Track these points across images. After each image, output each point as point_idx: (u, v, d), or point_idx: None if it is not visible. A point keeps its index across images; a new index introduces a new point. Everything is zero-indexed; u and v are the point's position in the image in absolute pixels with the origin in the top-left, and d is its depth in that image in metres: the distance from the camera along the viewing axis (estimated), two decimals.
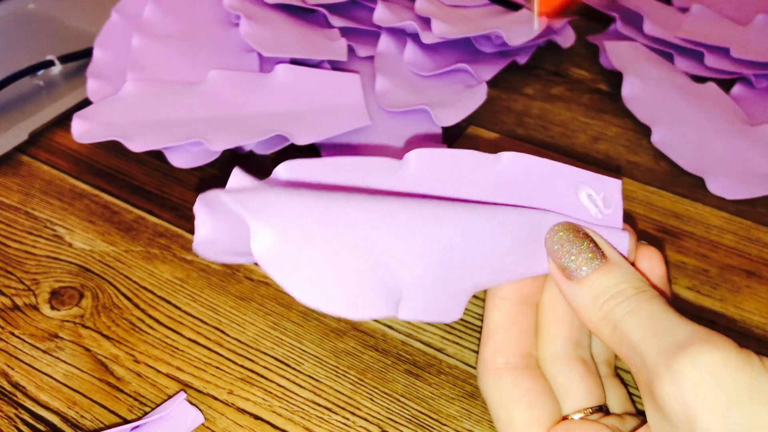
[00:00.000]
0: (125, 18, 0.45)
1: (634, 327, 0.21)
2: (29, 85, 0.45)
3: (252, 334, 0.32)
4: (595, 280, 0.22)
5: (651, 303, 0.21)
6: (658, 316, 0.21)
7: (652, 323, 0.21)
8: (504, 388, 0.24)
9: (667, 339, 0.20)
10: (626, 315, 0.21)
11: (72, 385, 0.30)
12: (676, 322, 0.21)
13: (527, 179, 0.25)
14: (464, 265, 0.23)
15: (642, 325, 0.21)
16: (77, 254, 0.35)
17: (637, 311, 0.21)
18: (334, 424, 0.28)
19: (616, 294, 0.22)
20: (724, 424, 0.18)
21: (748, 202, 0.38)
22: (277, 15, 0.45)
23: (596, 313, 0.22)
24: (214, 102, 0.40)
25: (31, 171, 0.40)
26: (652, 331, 0.21)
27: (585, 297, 0.22)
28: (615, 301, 0.22)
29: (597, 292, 0.22)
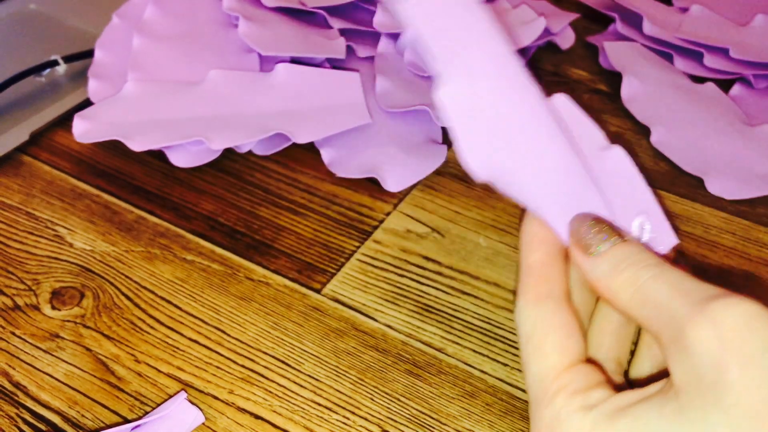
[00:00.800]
0: (126, 21, 0.45)
1: (661, 286, 0.21)
2: (30, 85, 0.45)
3: (252, 334, 0.32)
4: (615, 251, 0.23)
5: (673, 270, 0.22)
6: (684, 281, 0.21)
7: (679, 285, 0.21)
8: (545, 312, 0.24)
9: (698, 294, 0.20)
10: (650, 278, 0.22)
11: (73, 385, 0.30)
12: (704, 284, 0.21)
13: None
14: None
15: (668, 287, 0.21)
16: (78, 254, 0.35)
17: (662, 275, 0.22)
18: (334, 423, 0.28)
19: (636, 260, 0.22)
20: (756, 374, 0.18)
21: (748, 203, 0.38)
22: (276, 16, 0.45)
23: (616, 279, 0.22)
24: (214, 101, 0.40)
25: (32, 171, 0.40)
26: (682, 292, 0.21)
27: (604, 267, 0.23)
28: (637, 266, 0.22)
29: (617, 260, 0.23)
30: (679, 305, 0.20)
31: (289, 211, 0.38)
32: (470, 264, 0.35)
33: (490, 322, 0.32)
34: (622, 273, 0.22)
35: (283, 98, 0.41)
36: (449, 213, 0.38)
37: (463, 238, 0.36)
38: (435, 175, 0.40)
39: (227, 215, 0.37)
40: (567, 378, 0.23)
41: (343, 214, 0.38)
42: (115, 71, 0.43)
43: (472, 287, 0.34)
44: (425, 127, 0.41)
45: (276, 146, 0.40)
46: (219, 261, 0.35)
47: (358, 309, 0.33)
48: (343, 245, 0.36)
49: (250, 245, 0.36)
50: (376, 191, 0.39)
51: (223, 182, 0.39)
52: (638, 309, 0.22)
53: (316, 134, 0.39)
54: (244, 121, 0.39)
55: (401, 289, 0.34)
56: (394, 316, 0.33)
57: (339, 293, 0.33)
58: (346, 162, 0.39)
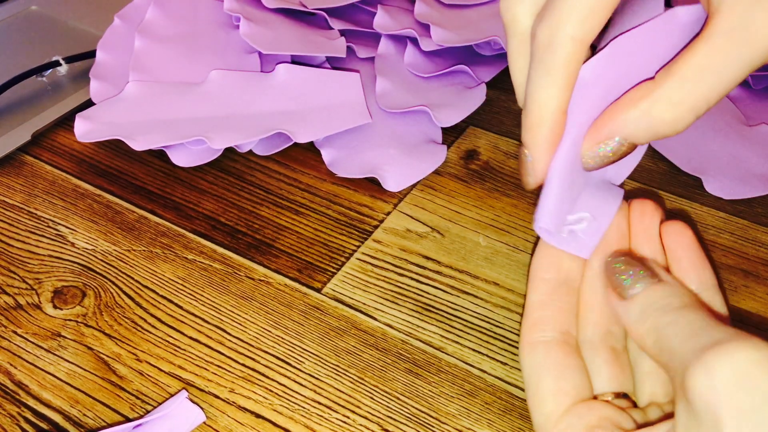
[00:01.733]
0: (127, 22, 0.45)
1: (676, 333, 0.21)
2: (32, 85, 0.45)
3: (253, 333, 0.32)
4: (645, 296, 0.23)
5: (694, 313, 0.21)
6: (698, 322, 0.21)
7: (692, 329, 0.21)
8: (536, 359, 0.24)
9: (704, 338, 0.20)
10: (668, 324, 0.21)
11: (74, 384, 0.30)
12: (716, 327, 0.20)
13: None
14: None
15: (682, 333, 0.21)
16: (80, 254, 0.35)
17: (680, 320, 0.21)
18: (334, 422, 0.29)
19: (662, 306, 0.22)
20: (750, 426, 0.18)
21: (746, 202, 0.39)
22: (276, 17, 0.45)
23: (642, 325, 0.22)
24: (215, 101, 0.40)
25: (34, 171, 0.40)
26: (692, 334, 0.20)
27: (634, 312, 0.23)
28: (660, 313, 0.22)
29: (645, 305, 0.23)
30: (685, 351, 0.20)
31: (289, 210, 0.38)
32: (470, 263, 0.35)
33: (489, 321, 0.33)
34: (647, 320, 0.22)
35: (284, 98, 0.41)
36: (449, 213, 0.38)
37: (463, 238, 0.36)
38: (435, 175, 0.40)
39: (228, 215, 0.38)
40: (565, 424, 0.23)
41: (343, 214, 0.38)
42: (117, 72, 0.43)
43: (472, 286, 0.34)
44: (425, 127, 0.42)
45: (276, 146, 0.40)
46: (220, 260, 0.35)
47: (358, 308, 0.33)
48: (343, 245, 0.36)
49: (250, 245, 0.36)
50: (376, 191, 0.39)
51: (224, 182, 0.39)
52: (659, 356, 0.22)
53: (316, 134, 0.39)
54: (244, 121, 0.39)
55: (401, 288, 0.34)
56: (394, 315, 0.33)
57: (339, 292, 0.34)
58: (346, 162, 0.40)
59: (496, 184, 0.39)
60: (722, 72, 0.21)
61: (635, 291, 0.23)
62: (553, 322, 0.25)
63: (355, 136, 0.41)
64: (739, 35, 0.21)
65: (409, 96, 0.42)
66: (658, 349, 0.22)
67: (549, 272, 0.25)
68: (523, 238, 0.36)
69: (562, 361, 0.24)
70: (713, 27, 0.21)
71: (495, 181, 0.39)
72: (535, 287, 0.25)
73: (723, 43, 0.21)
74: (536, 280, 0.25)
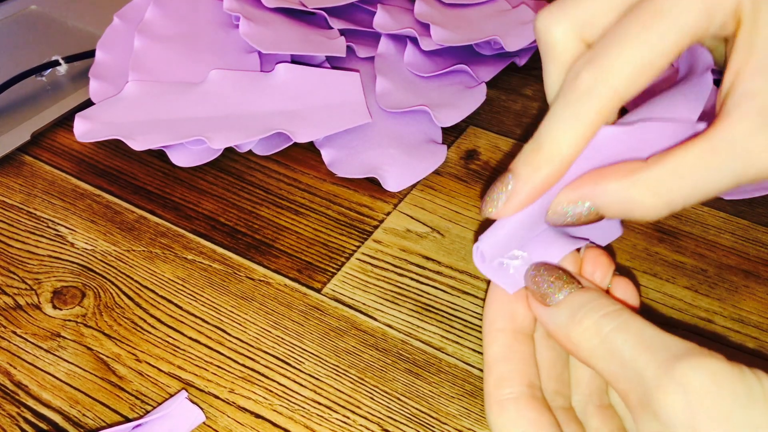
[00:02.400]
0: (127, 22, 0.45)
1: (625, 342, 0.21)
2: (32, 85, 0.45)
3: (253, 333, 0.32)
4: (572, 298, 0.23)
5: (635, 319, 0.21)
6: (647, 331, 0.21)
7: (643, 338, 0.20)
8: (508, 418, 0.23)
9: (663, 352, 0.20)
10: (613, 330, 0.21)
11: (74, 384, 0.30)
12: (667, 338, 0.20)
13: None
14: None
15: (633, 341, 0.21)
16: (79, 254, 0.35)
17: (625, 327, 0.21)
18: (334, 422, 0.29)
19: (595, 307, 0.22)
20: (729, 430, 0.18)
21: (747, 202, 0.38)
22: (276, 17, 0.45)
23: (575, 327, 0.22)
24: (215, 101, 0.40)
25: (33, 171, 0.40)
26: (646, 346, 0.20)
27: (562, 316, 0.22)
28: (597, 314, 0.22)
29: (574, 308, 0.22)
30: (645, 364, 0.20)
31: (289, 210, 0.38)
32: (470, 263, 0.35)
33: None
34: (582, 322, 0.22)
35: (284, 98, 0.41)
36: (449, 213, 0.38)
37: (463, 238, 0.36)
38: (435, 175, 0.40)
39: (228, 215, 0.38)
40: None
41: (343, 214, 0.38)
42: (116, 71, 0.43)
43: (472, 287, 0.34)
44: (425, 127, 0.42)
45: (276, 146, 0.40)
46: (220, 260, 0.35)
47: (358, 308, 0.33)
48: (343, 245, 0.36)
49: (250, 245, 0.36)
50: (376, 191, 0.39)
51: (224, 182, 0.39)
52: (603, 363, 0.21)
53: (316, 134, 0.39)
54: (244, 120, 0.39)
55: (401, 288, 0.34)
56: (394, 315, 0.33)
57: (339, 293, 0.34)
58: (346, 162, 0.39)
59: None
60: (710, 178, 0.21)
61: (560, 296, 0.23)
62: (519, 376, 0.24)
63: (355, 136, 0.41)
64: (739, 149, 0.20)
65: (409, 96, 0.42)
66: (604, 356, 0.21)
67: (503, 322, 0.25)
68: None
69: (535, 420, 0.23)
70: (717, 131, 0.20)
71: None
72: (493, 339, 0.24)
73: (721, 150, 0.20)
74: (492, 332, 0.25)
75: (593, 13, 0.22)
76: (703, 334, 0.32)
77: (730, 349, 0.24)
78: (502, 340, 0.24)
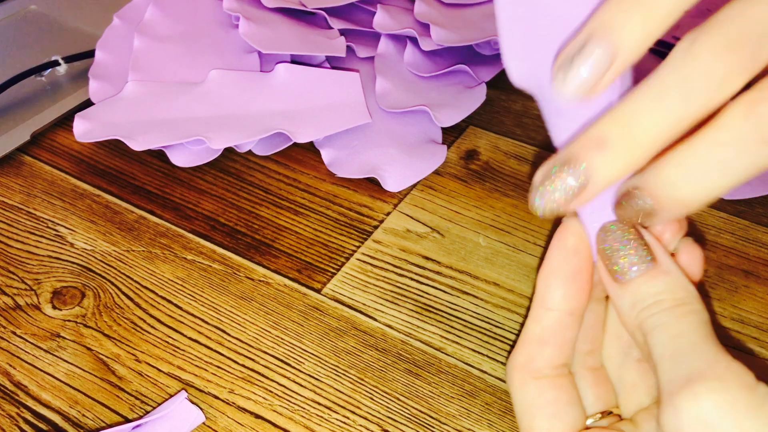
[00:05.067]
0: (126, 22, 0.45)
1: (658, 344, 0.20)
2: (32, 85, 0.45)
3: (253, 334, 0.32)
4: (638, 286, 0.22)
5: (683, 320, 0.21)
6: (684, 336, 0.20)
7: (674, 344, 0.20)
8: (529, 395, 0.23)
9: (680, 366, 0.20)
10: (655, 329, 0.21)
11: (73, 385, 0.30)
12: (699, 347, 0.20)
13: None
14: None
15: (665, 344, 0.20)
16: (79, 254, 0.35)
17: (666, 327, 0.21)
18: (334, 422, 0.29)
19: (652, 304, 0.21)
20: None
21: (746, 202, 0.38)
22: (276, 17, 0.45)
23: (632, 321, 0.22)
24: (215, 101, 0.40)
25: (33, 171, 0.40)
26: (671, 354, 0.20)
27: (626, 302, 0.22)
28: (649, 312, 0.21)
29: (636, 299, 0.22)
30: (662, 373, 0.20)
31: (289, 211, 0.38)
32: (470, 264, 0.35)
33: (489, 321, 0.32)
34: (637, 316, 0.21)
35: (283, 98, 0.41)
36: (449, 213, 0.38)
37: (463, 238, 0.36)
38: (435, 175, 0.40)
39: (228, 215, 0.38)
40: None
41: (343, 214, 0.38)
42: (116, 72, 0.43)
43: (472, 287, 0.34)
44: (425, 127, 0.42)
45: (276, 146, 0.40)
46: (219, 261, 0.35)
47: (357, 308, 0.33)
48: (343, 245, 0.36)
49: (250, 245, 0.36)
50: (376, 191, 0.39)
51: (224, 182, 0.39)
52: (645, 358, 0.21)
53: (316, 134, 0.39)
54: (244, 120, 0.39)
55: (401, 288, 0.34)
56: (394, 315, 0.33)
57: (339, 293, 0.34)
58: (346, 162, 0.39)
59: (496, 184, 0.39)
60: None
61: (630, 276, 0.22)
62: (552, 358, 0.24)
63: (355, 136, 0.41)
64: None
65: (409, 96, 0.42)
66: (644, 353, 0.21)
67: (556, 303, 0.24)
68: (523, 238, 0.36)
69: (555, 399, 0.23)
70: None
71: (495, 181, 0.39)
72: (538, 317, 0.24)
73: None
74: (540, 309, 0.24)
75: None
76: None
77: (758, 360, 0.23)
78: (548, 321, 0.23)
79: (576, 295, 0.24)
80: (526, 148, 0.42)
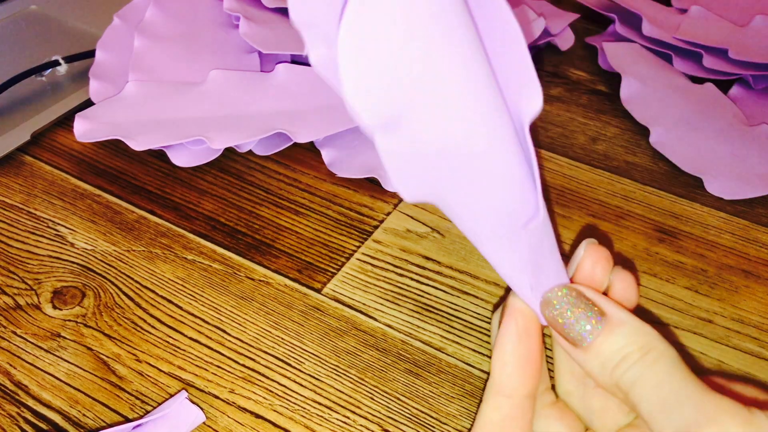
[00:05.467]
0: (127, 22, 0.45)
1: (642, 399, 0.21)
2: (32, 85, 0.45)
3: (253, 334, 0.32)
4: (600, 346, 0.22)
5: (656, 367, 0.21)
6: (666, 384, 0.20)
7: (659, 394, 0.20)
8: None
9: (673, 420, 0.20)
10: (634, 385, 0.21)
11: (74, 384, 0.30)
12: (683, 393, 0.20)
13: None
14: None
15: (649, 399, 0.20)
16: (79, 254, 0.35)
17: (644, 380, 0.21)
18: (334, 422, 0.29)
19: (621, 361, 0.21)
20: None
21: (746, 202, 0.38)
22: (276, 17, 0.45)
23: (607, 381, 0.22)
24: (215, 101, 0.40)
25: (33, 171, 0.40)
26: (660, 405, 0.20)
27: (594, 365, 0.22)
28: (621, 370, 0.21)
29: (603, 359, 0.22)
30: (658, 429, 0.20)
31: (289, 211, 0.38)
32: (470, 264, 0.35)
33: (489, 321, 0.32)
34: (611, 376, 0.21)
35: (284, 98, 0.41)
36: None
37: (463, 238, 0.36)
38: None
39: (228, 215, 0.38)
40: None
41: (343, 214, 0.38)
42: (116, 71, 0.43)
43: (472, 287, 0.34)
44: None
45: (276, 146, 0.40)
46: (220, 260, 0.35)
47: (358, 308, 0.33)
48: (343, 245, 0.36)
49: (250, 245, 0.36)
50: (376, 191, 0.39)
51: (224, 182, 0.39)
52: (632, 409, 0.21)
53: (316, 134, 0.39)
54: (244, 120, 0.39)
55: (401, 288, 0.34)
56: (394, 315, 0.33)
57: (339, 293, 0.34)
58: (346, 162, 0.39)
59: None
60: None
61: (589, 339, 0.22)
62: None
63: (355, 136, 0.41)
64: None
65: None
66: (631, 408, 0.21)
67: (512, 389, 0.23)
68: None
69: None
70: None
71: None
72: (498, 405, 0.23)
73: None
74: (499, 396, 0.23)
75: None
76: (703, 334, 0.32)
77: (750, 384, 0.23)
78: (507, 410, 0.23)
79: (533, 376, 0.24)
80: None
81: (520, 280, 0.23)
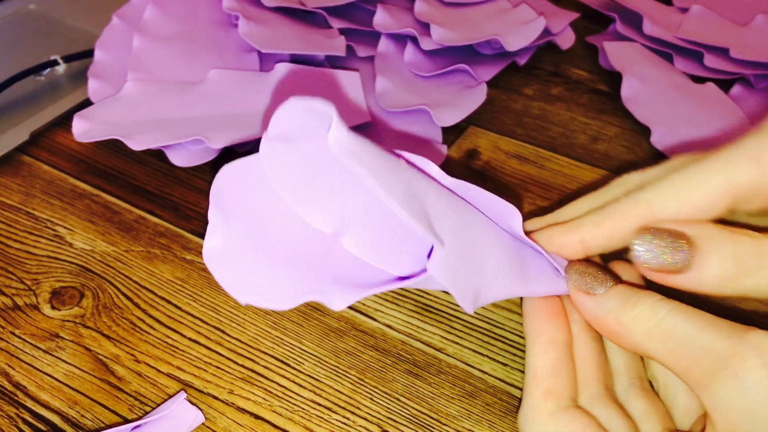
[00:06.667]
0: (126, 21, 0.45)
1: (686, 321, 0.21)
2: (31, 85, 0.45)
3: (252, 334, 0.32)
4: (619, 288, 0.23)
5: (686, 306, 0.22)
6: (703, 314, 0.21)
7: (702, 318, 0.21)
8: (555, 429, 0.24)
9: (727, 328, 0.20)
10: (671, 312, 0.21)
11: (73, 385, 0.30)
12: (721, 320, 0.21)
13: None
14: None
15: (694, 320, 0.21)
16: (78, 254, 0.35)
17: (679, 309, 0.21)
18: (334, 423, 0.28)
19: (645, 295, 0.22)
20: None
21: None
22: (276, 16, 0.45)
23: (627, 314, 0.22)
24: (214, 101, 0.40)
25: (31, 171, 0.40)
26: (707, 324, 0.21)
27: (612, 303, 0.23)
28: (651, 300, 0.22)
29: (625, 296, 0.22)
30: (712, 338, 0.20)
31: None
32: None
33: (489, 321, 0.32)
34: (635, 307, 0.22)
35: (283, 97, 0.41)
36: None
37: None
38: None
39: None
40: None
41: None
42: (115, 71, 0.43)
43: None
44: (425, 127, 0.41)
45: None
46: None
47: (357, 309, 0.33)
48: None
49: None
50: None
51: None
52: (659, 344, 0.22)
53: None
54: (244, 120, 0.39)
55: (401, 288, 0.34)
56: (394, 315, 0.33)
57: None
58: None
59: (496, 183, 0.39)
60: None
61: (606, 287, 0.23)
62: (566, 390, 0.24)
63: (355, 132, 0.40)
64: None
65: (409, 95, 0.42)
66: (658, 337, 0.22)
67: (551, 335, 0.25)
68: None
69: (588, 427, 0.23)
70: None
71: (495, 181, 0.39)
72: (543, 351, 0.25)
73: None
74: (542, 344, 0.25)
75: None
76: None
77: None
78: (553, 354, 0.24)
79: (564, 324, 0.25)
80: (527, 147, 0.42)
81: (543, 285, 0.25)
